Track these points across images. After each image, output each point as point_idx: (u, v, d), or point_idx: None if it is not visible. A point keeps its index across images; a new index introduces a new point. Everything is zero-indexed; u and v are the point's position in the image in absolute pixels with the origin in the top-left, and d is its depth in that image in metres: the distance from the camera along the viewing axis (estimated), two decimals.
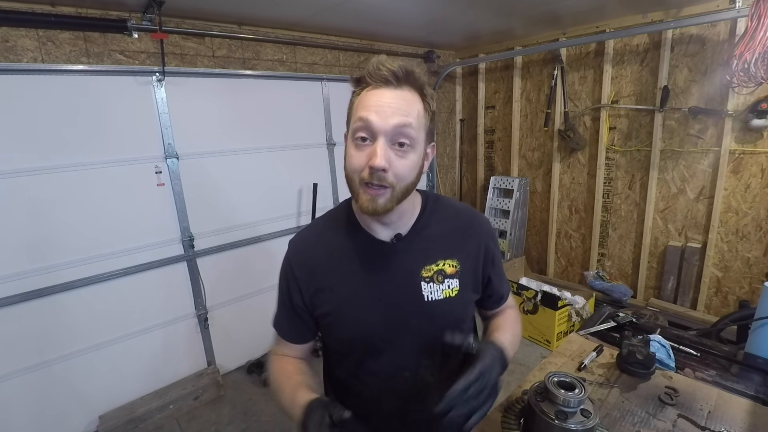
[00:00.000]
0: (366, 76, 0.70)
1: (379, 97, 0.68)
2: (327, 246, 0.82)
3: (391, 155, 0.68)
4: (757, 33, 1.91)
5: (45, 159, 1.91)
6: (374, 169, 0.67)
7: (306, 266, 0.81)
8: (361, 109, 0.69)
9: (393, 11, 2.41)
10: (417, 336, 0.79)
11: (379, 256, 0.79)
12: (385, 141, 0.68)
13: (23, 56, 1.88)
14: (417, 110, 0.70)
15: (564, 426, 0.72)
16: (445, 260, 0.80)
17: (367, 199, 0.70)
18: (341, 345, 0.83)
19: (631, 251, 3.10)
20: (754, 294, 2.55)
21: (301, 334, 0.86)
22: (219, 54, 2.49)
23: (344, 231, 0.82)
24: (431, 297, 0.78)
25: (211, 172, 2.44)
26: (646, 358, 1.04)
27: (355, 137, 0.70)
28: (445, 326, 0.78)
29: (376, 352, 0.79)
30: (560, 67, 3.18)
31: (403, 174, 0.70)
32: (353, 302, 0.78)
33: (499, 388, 0.68)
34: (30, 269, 1.92)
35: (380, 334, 0.78)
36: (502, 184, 3.68)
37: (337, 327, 0.80)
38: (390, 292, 0.78)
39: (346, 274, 0.79)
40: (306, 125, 2.84)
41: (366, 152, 0.68)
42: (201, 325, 2.51)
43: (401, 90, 0.69)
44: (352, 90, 0.75)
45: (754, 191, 2.48)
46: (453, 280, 0.80)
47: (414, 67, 0.71)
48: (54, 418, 2.06)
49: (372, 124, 0.67)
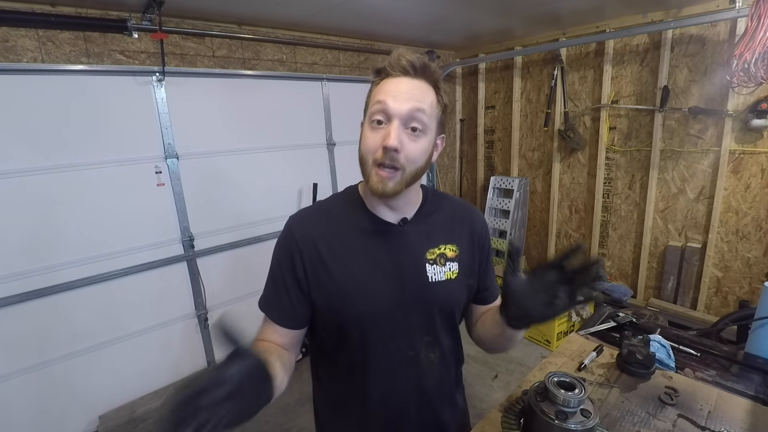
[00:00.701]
0: (387, 66, 0.75)
1: (396, 84, 0.74)
2: (331, 223, 0.82)
3: (403, 138, 0.72)
4: (757, 33, 1.91)
5: (44, 159, 1.90)
6: (388, 149, 0.71)
7: (311, 239, 0.79)
8: (379, 94, 0.74)
9: (393, 11, 2.41)
10: (419, 315, 0.82)
11: (388, 236, 0.82)
12: (399, 123, 0.72)
13: (23, 56, 1.88)
14: (430, 99, 0.75)
15: (564, 426, 0.72)
16: (446, 244, 0.85)
17: (377, 180, 0.73)
18: (345, 324, 0.80)
19: (631, 251, 3.10)
20: (754, 294, 2.55)
21: (296, 316, 0.81)
22: (219, 54, 2.49)
23: (350, 212, 0.84)
24: (435, 278, 0.82)
25: (211, 172, 2.44)
26: (646, 358, 1.04)
27: (371, 120, 0.74)
28: (445, 306, 0.84)
29: (381, 331, 0.80)
30: (560, 67, 3.18)
31: (414, 157, 0.74)
32: (362, 278, 0.78)
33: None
34: (30, 269, 1.92)
35: (388, 312, 0.79)
36: (502, 184, 3.68)
37: (345, 302, 0.78)
38: (398, 271, 0.80)
39: (354, 251, 0.80)
40: (306, 125, 2.84)
41: (381, 134, 0.73)
42: (201, 325, 2.51)
43: (417, 80, 0.75)
44: (371, 80, 0.80)
45: (754, 191, 2.48)
46: (453, 264, 0.84)
47: (431, 62, 0.76)
48: (54, 418, 2.06)
49: (388, 107, 0.72)
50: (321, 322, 0.83)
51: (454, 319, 0.88)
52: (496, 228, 3.69)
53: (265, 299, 0.84)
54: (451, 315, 0.86)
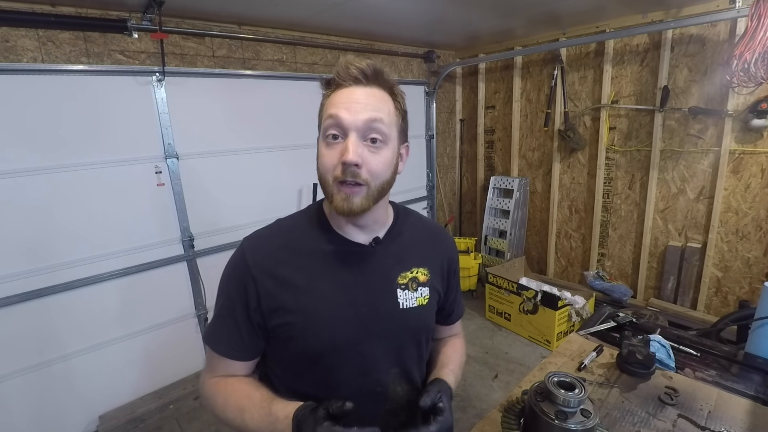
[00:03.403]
0: (335, 77, 0.69)
1: (348, 94, 0.68)
2: (291, 246, 0.75)
3: (363, 151, 0.67)
4: (757, 33, 1.91)
5: (45, 159, 1.91)
6: (347, 165, 0.66)
7: (268, 267, 0.72)
8: (330, 107, 0.68)
9: (393, 11, 2.41)
10: (388, 343, 0.76)
11: (356, 259, 0.76)
12: (356, 136, 0.67)
13: (23, 56, 1.88)
14: (388, 108, 0.70)
15: (564, 426, 0.72)
16: (418, 268, 0.80)
17: (341, 198, 0.68)
18: (307, 355, 0.73)
19: (631, 251, 3.10)
20: (754, 294, 2.55)
21: (248, 349, 0.75)
22: (219, 54, 2.49)
23: (313, 233, 0.77)
24: (406, 305, 0.77)
25: (211, 172, 2.44)
26: (646, 358, 1.04)
27: (326, 135, 0.69)
28: (415, 334, 0.80)
29: (346, 360, 0.73)
30: (560, 67, 3.18)
31: (377, 171, 0.69)
32: (325, 306, 0.72)
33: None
34: (30, 269, 1.93)
35: (353, 341, 0.73)
36: (502, 184, 3.68)
37: (306, 333, 0.71)
38: (367, 297, 0.74)
39: (315, 277, 0.73)
40: (306, 125, 2.81)
41: (338, 150, 0.67)
42: (201, 325, 2.51)
43: (371, 88, 0.69)
44: (322, 93, 0.73)
45: (754, 191, 2.48)
46: (425, 288, 0.80)
47: (383, 67, 0.70)
48: (54, 418, 2.06)
49: (342, 120, 0.66)
50: (277, 354, 0.77)
51: (422, 347, 0.83)
52: (496, 228, 3.69)
53: (213, 335, 0.75)
54: (420, 344, 0.82)
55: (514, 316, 3.03)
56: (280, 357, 0.77)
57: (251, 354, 0.76)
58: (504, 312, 3.10)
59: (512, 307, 3.02)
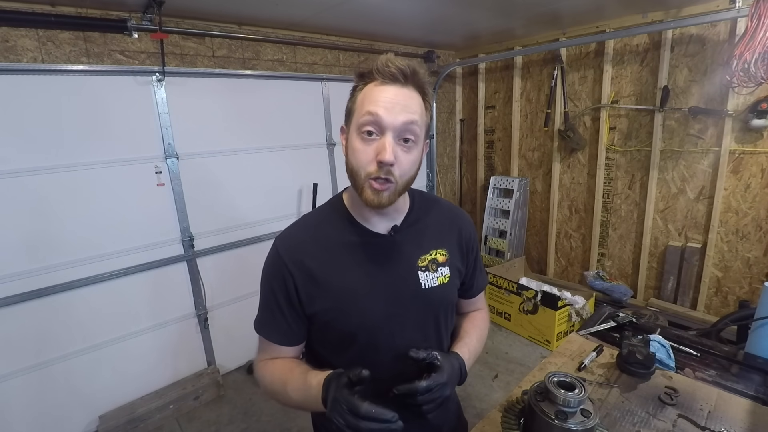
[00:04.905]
0: (374, 72, 0.72)
1: (386, 93, 0.71)
2: (320, 241, 0.81)
3: (397, 150, 0.71)
4: (757, 33, 1.91)
5: (44, 159, 1.90)
6: (383, 164, 0.70)
7: (301, 261, 0.79)
8: (369, 104, 0.71)
9: (393, 11, 2.41)
10: (414, 322, 0.82)
11: (379, 249, 0.81)
12: (392, 136, 0.70)
13: (23, 56, 1.88)
14: (421, 109, 0.74)
15: (564, 426, 0.72)
16: (437, 249, 0.85)
17: (372, 193, 0.72)
18: (342, 340, 0.81)
19: (631, 251, 3.10)
20: (754, 294, 2.55)
21: (295, 335, 0.84)
22: (219, 54, 2.49)
23: (338, 225, 0.83)
24: (428, 285, 0.82)
25: (211, 172, 2.44)
26: (646, 358, 1.04)
27: (361, 131, 0.71)
28: (439, 310, 0.85)
29: (378, 343, 0.80)
30: (560, 67, 3.18)
31: (407, 168, 0.74)
32: (357, 294, 0.78)
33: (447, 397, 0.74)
34: (30, 269, 1.92)
35: (384, 324, 0.79)
36: (502, 184, 3.68)
37: (340, 321, 0.79)
38: (392, 282, 0.80)
39: (346, 267, 0.79)
40: (306, 125, 2.84)
41: (373, 147, 0.71)
42: (201, 325, 2.51)
43: (407, 88, 0.72)
44: (354, 84, 0.76)
45: (754, 191, 2.48)
46: (444, 268, 0.85)
47: (419, 68, 0.74)
48: (54, 418, 2.06)
49: (382, 120, 0.69)
50: (317, 337, 0.85)
51: (447, 321, 0.88)
52: (496, 228, 3.69)
53: (261, 324, 0.84)
54: (445, 318, 0.87)
55: (514, 316, 3.03)
56: (321, 339, 0.84)
57: (299, 339, 0.85)
58: (504, 312, 3.10)
59: (512, 307, 3.02)
